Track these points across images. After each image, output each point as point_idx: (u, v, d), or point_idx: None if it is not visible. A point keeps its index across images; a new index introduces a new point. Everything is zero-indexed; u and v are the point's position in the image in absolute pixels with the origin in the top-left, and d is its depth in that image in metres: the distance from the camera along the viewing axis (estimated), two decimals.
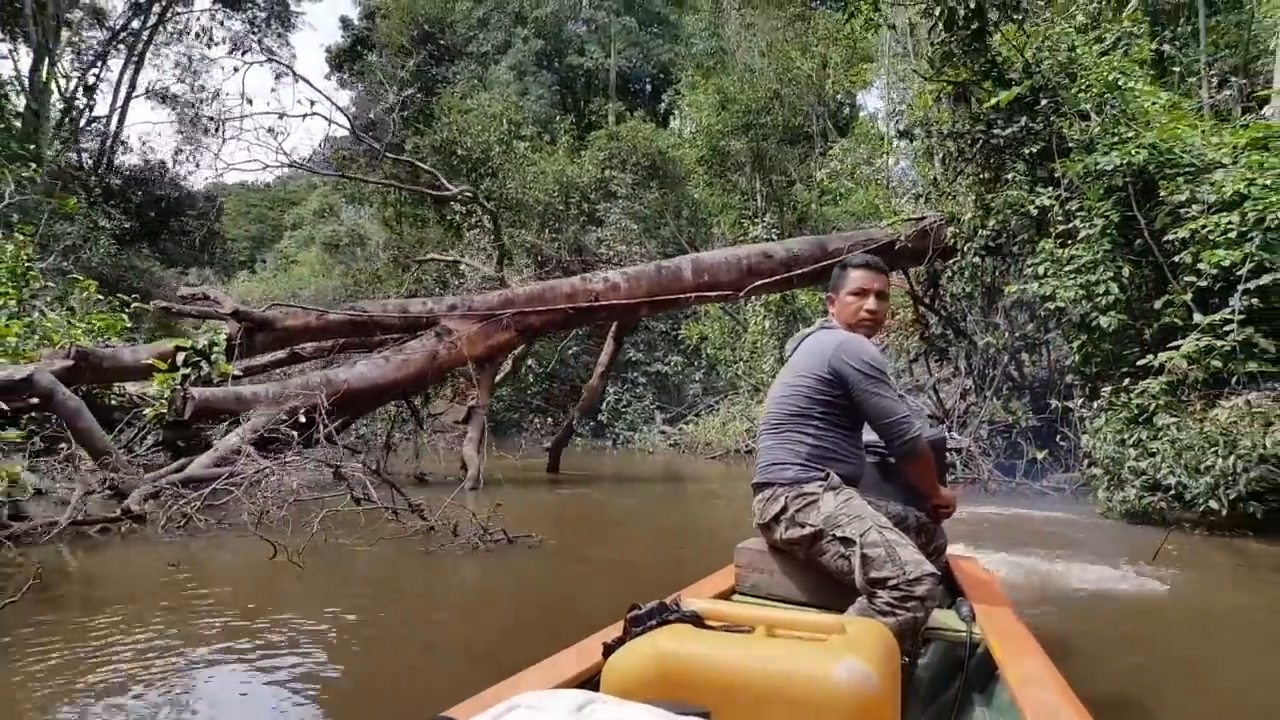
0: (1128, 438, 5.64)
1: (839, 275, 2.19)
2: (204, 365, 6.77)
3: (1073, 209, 6.57)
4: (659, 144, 16.96)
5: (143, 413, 6.72)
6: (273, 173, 29.34)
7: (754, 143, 16.49)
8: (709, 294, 8.64)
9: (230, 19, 21.37)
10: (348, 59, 25.45)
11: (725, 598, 1.99)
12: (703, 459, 12.32)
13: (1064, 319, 6.76)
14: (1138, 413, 5.67)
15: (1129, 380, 5.85)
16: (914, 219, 8.69)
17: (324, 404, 6.20)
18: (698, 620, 1.31)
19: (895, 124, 13.38)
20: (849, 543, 1.80)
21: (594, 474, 10.15)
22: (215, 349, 6.86)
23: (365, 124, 17.69)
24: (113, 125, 19.40)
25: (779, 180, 17.15)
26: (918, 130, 9.02)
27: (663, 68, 24.54)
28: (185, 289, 8.61)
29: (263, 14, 22.09)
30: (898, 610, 1.67)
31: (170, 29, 20.77)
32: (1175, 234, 5.81)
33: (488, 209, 12.32)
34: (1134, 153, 6.06)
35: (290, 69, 13.22)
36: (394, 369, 7.53)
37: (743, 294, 8.59)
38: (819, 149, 17.30)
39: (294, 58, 25.88)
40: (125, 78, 19.52)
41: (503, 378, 10.76)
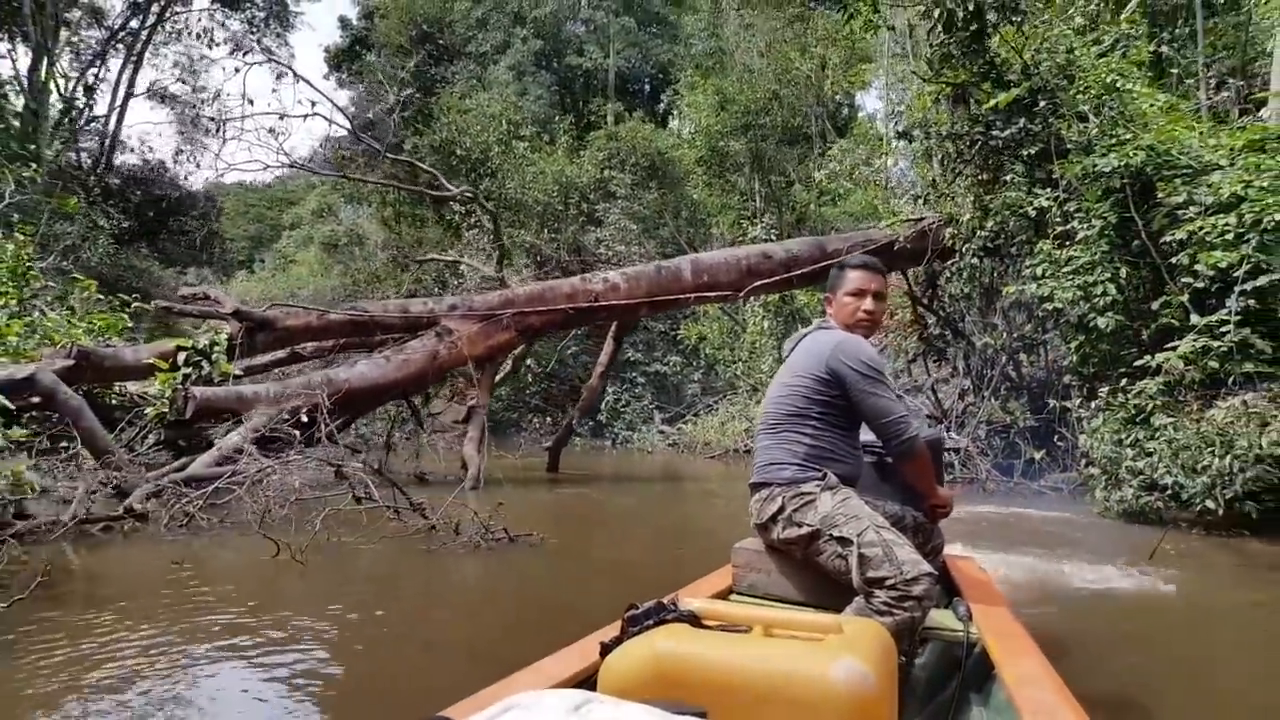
0: (1125, 438, 5.66)
1: (837, 276, 2.20)
2: (205, 365, 6.77)
3: (1071, 210, 6.58)
4: (658, 144, 16.91)
5: (144, 412, 6.71)
6: (272, 173, 29.18)
7: (753, 143, 16.46)
8: (708, 294, 8.65)
9: (229, 19, 21.38)
10: (346, 59, 25.34)
11: (722, 597, 2.00)
12: (701, 459, 12.32)
13: (1062, 320, 6.77)
14: (1135, 413, 5.69)
15: (1126, 380, 5.86)
16: (912, 220, 8.70)
17: (325, 403, 6.20)
18: (695, 620, 1.31)
19: (894, 125, 13.36)
20: (846, 542, 1.81)
21: (593, 473, 10.15)
22: (216, 349, 6.86)
23: (364, 124, 17.68)
24: (112, 125, 19.42)
25: (778, 181, 17.13)
26: (916, 131, 9.02)
27: (662, 68, 24.47)
28: (186, 289, 8.63)
29: (261, 14, 22.09)
30: (895, 610, 1.68)
31: (169, 29, 20.78)
32: (1173, 235, 5.83)
33: (487, 209, 12.31)
34: (1132, 154, 6.08)
35: (290, 69, 13.19)
36: (394, 369, 7.54)
37: (742, 294, 8.60)
38: (818, 150, 17.26)
39: (293, 58, 25.93)
40: (124, 77, 19.54)
41: (502, 378, 10.76)
